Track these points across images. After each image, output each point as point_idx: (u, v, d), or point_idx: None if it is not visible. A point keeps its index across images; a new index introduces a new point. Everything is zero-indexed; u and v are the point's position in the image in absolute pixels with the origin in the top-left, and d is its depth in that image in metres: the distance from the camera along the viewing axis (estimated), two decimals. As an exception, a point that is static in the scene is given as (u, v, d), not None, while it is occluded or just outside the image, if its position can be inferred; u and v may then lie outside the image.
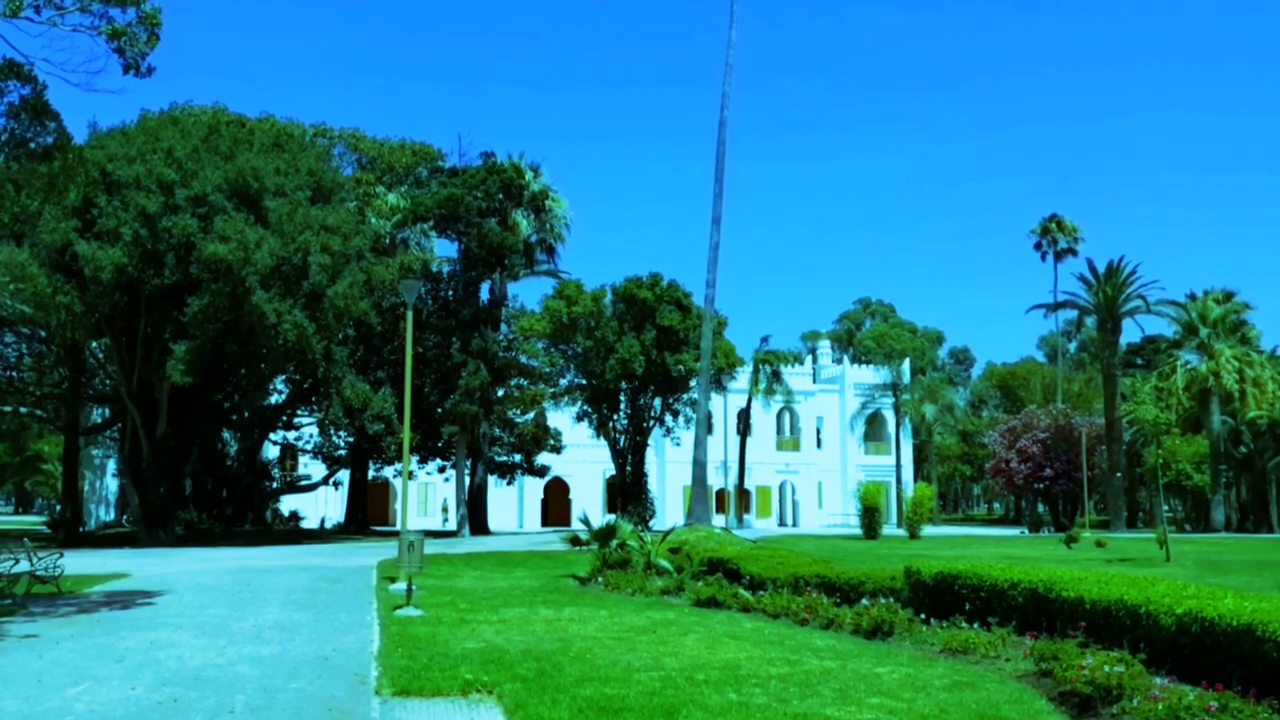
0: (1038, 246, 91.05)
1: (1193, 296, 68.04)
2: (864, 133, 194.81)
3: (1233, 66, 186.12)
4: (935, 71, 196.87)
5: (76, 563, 23.78)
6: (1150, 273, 57.09)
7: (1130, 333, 74.02)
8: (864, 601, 14.85)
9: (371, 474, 53.77)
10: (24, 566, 19.00)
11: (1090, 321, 75.42)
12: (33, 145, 29.23)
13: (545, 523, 69.72)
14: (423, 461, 50.35)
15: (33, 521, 70.09)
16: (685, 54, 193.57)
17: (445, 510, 53.61)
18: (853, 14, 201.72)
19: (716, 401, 64.23)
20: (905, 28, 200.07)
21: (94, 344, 41.51)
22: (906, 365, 78.95)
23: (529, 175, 50.61)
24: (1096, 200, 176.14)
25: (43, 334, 40.67)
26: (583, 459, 67.33)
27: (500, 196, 48.89)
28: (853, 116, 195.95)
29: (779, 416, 76.32)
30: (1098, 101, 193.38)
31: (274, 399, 48.19)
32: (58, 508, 54.02)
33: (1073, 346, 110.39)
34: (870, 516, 43.48)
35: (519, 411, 51.08)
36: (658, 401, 52.21)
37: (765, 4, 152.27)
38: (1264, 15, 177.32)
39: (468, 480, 49.30)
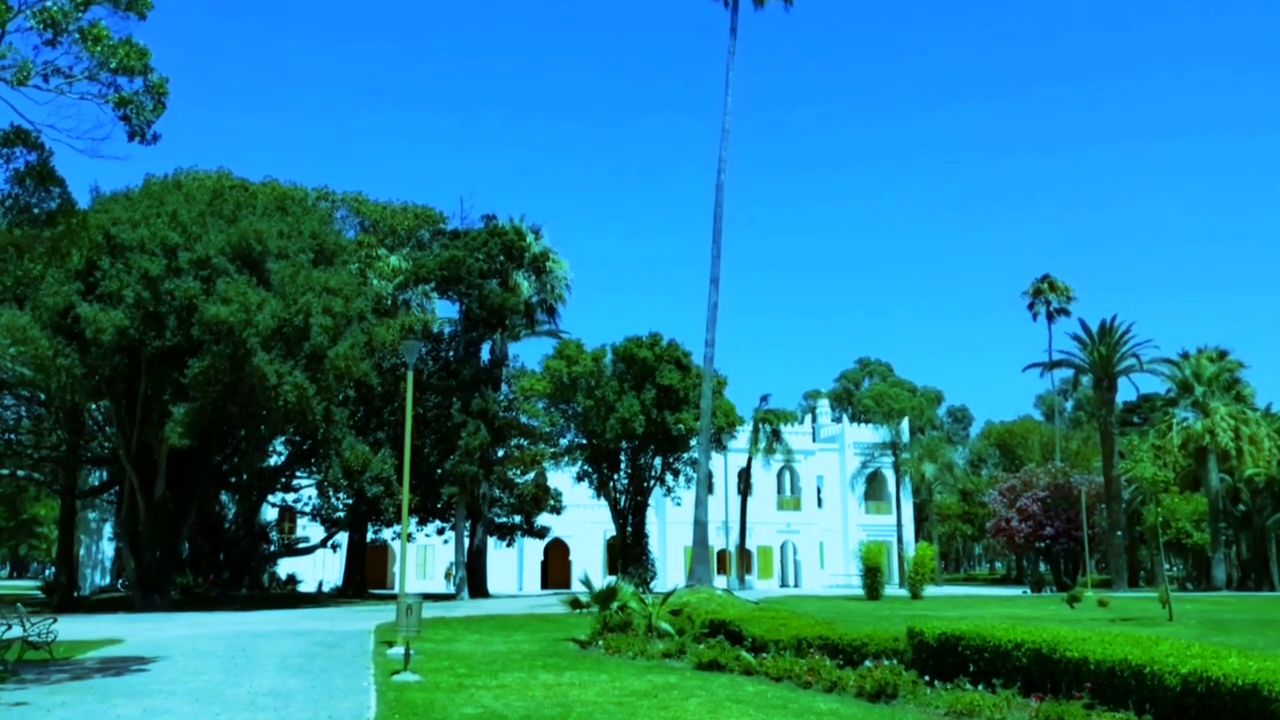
0: (1031, 307, 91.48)
1: (1186, 355, 68.19)
2: (860, 196, 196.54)
3: (1218, 134, 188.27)
4: (931, 135, 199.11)
5: (70, 628, 23.55)
6: (1143, 331, 57.92)
7: (1126, 391, 74.14)
8: (867, 663, 14.72)
9: (370, 536, 53.44)
10: (16, 632, 18.81)
11: (1086, 380, 75.56)
12: (36, 210, 29.44)
13: (545, 585, 69.14)
14: (422, 523, 50.07)
15: (27, 586, 69.46)
16: (684, 116, 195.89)
17: (449, 574, 53.29)
18: (846, 80, 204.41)
19: (717, 461, 64.03)
20: (898, 90, 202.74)
21: (93, 406, 41.47)
22: (906, 424, 78.87)
23: (530, 237, 50.92)
24: (1088, 260, 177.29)
25: (42, 396, 40.65)
26: (583, 520, 66.97)
27: (501, 258, 49.16)
28: (849, 181, 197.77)
29: (779, 476, 76.06)
30: (1088, 168, 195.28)
31: (273, 461, 48.03)
32: (48, 572, 53.62)
33: (1069, 405, 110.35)
34: (872, 577, 43.21)
35: (519, 472, 50.91)
36: (658, 461, 52.06)
37: (762, 77, 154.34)
38: (1250, 82, 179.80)
39: (467, 542, 48.98)
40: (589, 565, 65.19)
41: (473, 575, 49.11)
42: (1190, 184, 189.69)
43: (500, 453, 48.89)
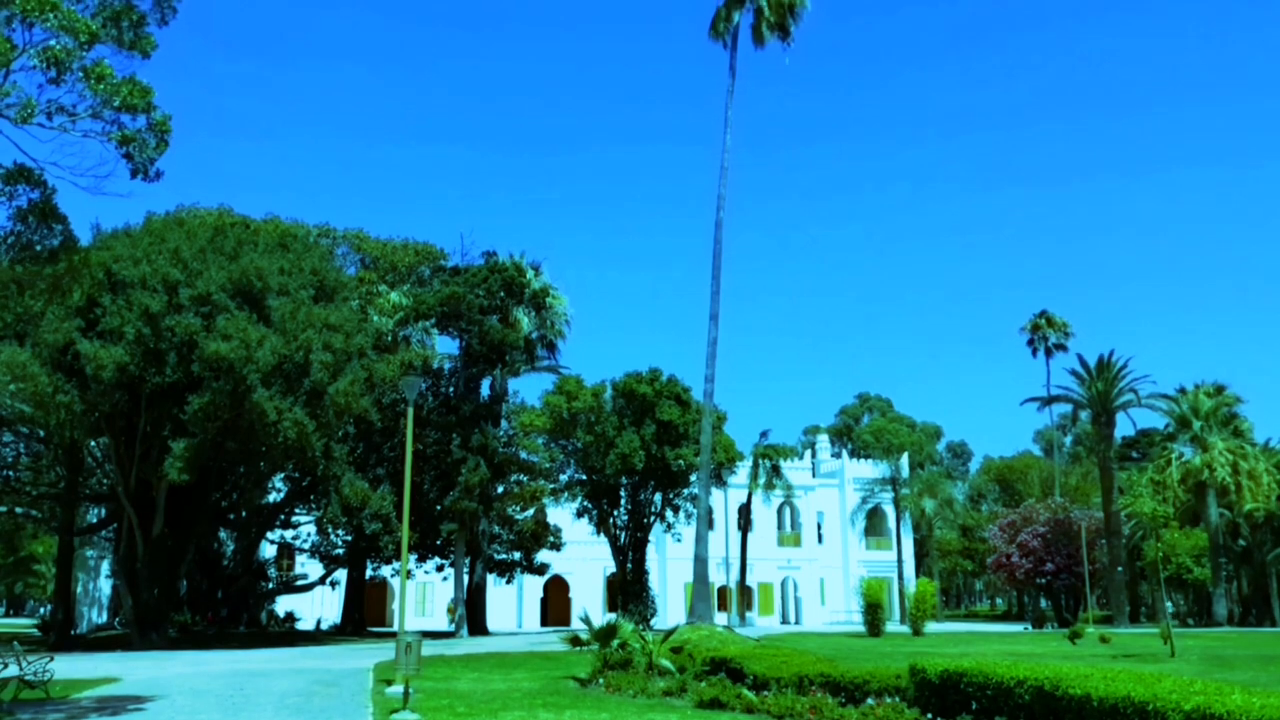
0: (1030, 343, 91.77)
1: (1183, 390, 68.25)
2: (857, 230, 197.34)
3: (1215, 168, 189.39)
4: (930, 168, 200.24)
5: (67, 666, 23.43)
6: (1140, 366, 58.30)
7: (1124, 426, 74.18)
8: (869, 701, 14.66)
9: (369, 573, 53.22)
10: (13, 670, 18.72)
11: (1084, 415, 75.64)
12: (38, 247, 29.53)
13: (545, 622, 68.75)
14: (421, 560, 49.89)
15: (24, 624, 69.09)
16: (683, 150, 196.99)
17: (452, 611, 53.04)
18: (845, 114, 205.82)
19: (717, 497, 63.93)
20: (896, 124, 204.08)
21: (92, 443, 41.42)
22: (905, 459, 78.80)
23: (530, 274, 51.13)
24: (1085, 294, 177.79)
25: (41, 433, 40.61)
26: (583, 556, 66.72)
27: (502, 294, 49.32)
28: (847, 216, 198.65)
29: (779, 511, 75.85)
30: (1086, 203, 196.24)
31: (272, 497, 47.93)
32: (43, 610, 53.35)
33: (1068, 440, 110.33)
34: (873, 613, 42.99)
35: (519, 508, 50.80)
36: (658, 497, 51.97)
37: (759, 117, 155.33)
38: (1246, 115, 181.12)
39: (466, 579, 48.79)
40: (589, 602, 64.89)
41: (472, 612, 48.88)
42: (1186, 218, 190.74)
43: (500, 489, 48.81)
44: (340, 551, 49.60)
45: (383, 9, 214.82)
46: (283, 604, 54.99)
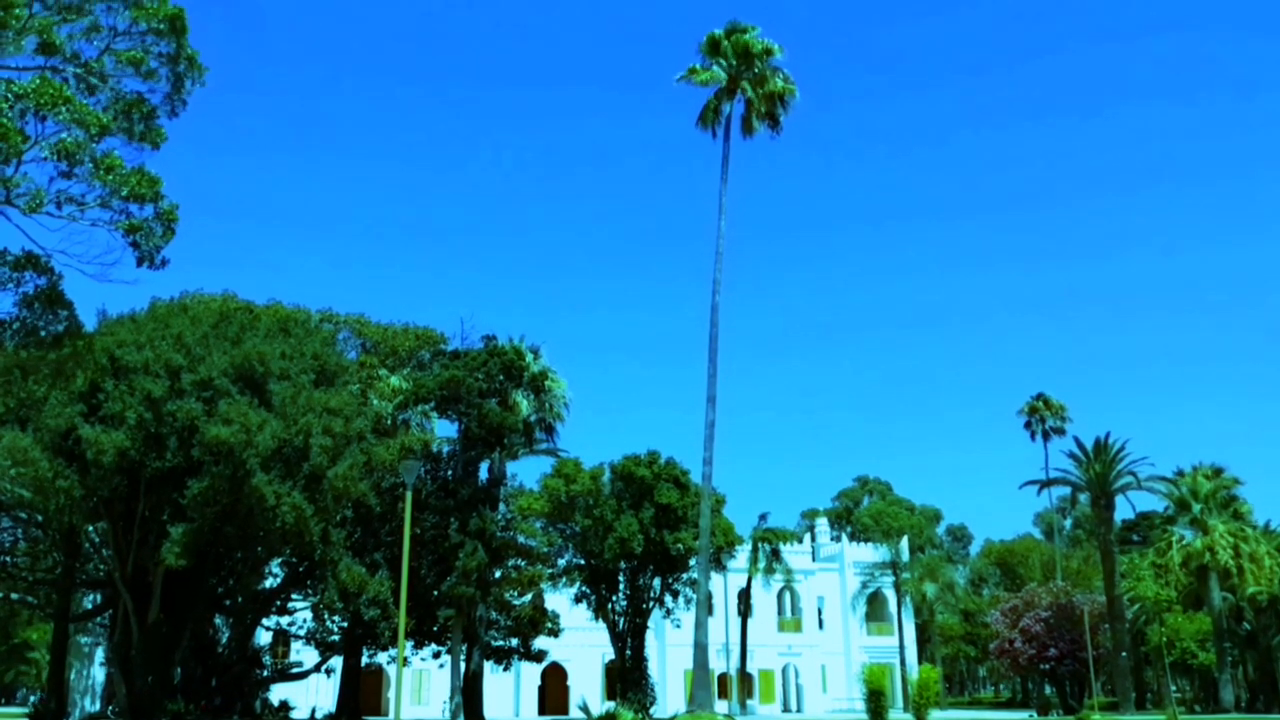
0: (1027, 425, 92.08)
1: (1181, 473, 68.23)
2: (853, 313, 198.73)
3: (1209, 250, 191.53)
4: (924, 251, 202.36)
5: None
6: (1137, 448, 58.26)
7: (1123, 509, 74.00)
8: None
9: (365, 660, 52.56)
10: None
11: (1084, 498, 75.60)
12: (43, 333, 29.89)
13: (542, 710, 67.79)
14: (418, 647, 49.34)
15: (15, 713, 68.02)
16: (680, 231, 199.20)
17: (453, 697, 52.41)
18: (838, 197, 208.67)
19: (716, 581, 63.50)
20: (888, 207, 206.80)
21: (90, 528, 41.33)
22: (905, 543, 78.48)
23: (529, 357, 51.43)
24: (1080, 375, 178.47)
25: (39, 518, 40.52)
26: (581, 643, 66.01)
27: (501, 378, 49.55)
28: (841, 299, 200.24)
29: (779, 596, 75.27)
30: (1080, 285, 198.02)
31: (269, 583, 47.59)
32: (33, 699, 52.66)
33: (1069, 524, 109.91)
34: (876, 701, 42.38)
35: (516, 593, 50.40)
36: (657, 581, 51.62)
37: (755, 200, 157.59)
38: (1239, 196, 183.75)
39: (463, 666, 48.23)
40: (587, 690, 64.04)
41: (469, 701, 48.20)
42: (1179, 300, 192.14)
43: (498, 574, 48.47)
44: (336, 638, 49.04)
45: (388, 102, 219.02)
46: (277, 692, 54.13)
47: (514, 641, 52.14)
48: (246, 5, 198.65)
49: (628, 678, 50.54)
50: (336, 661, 51.24)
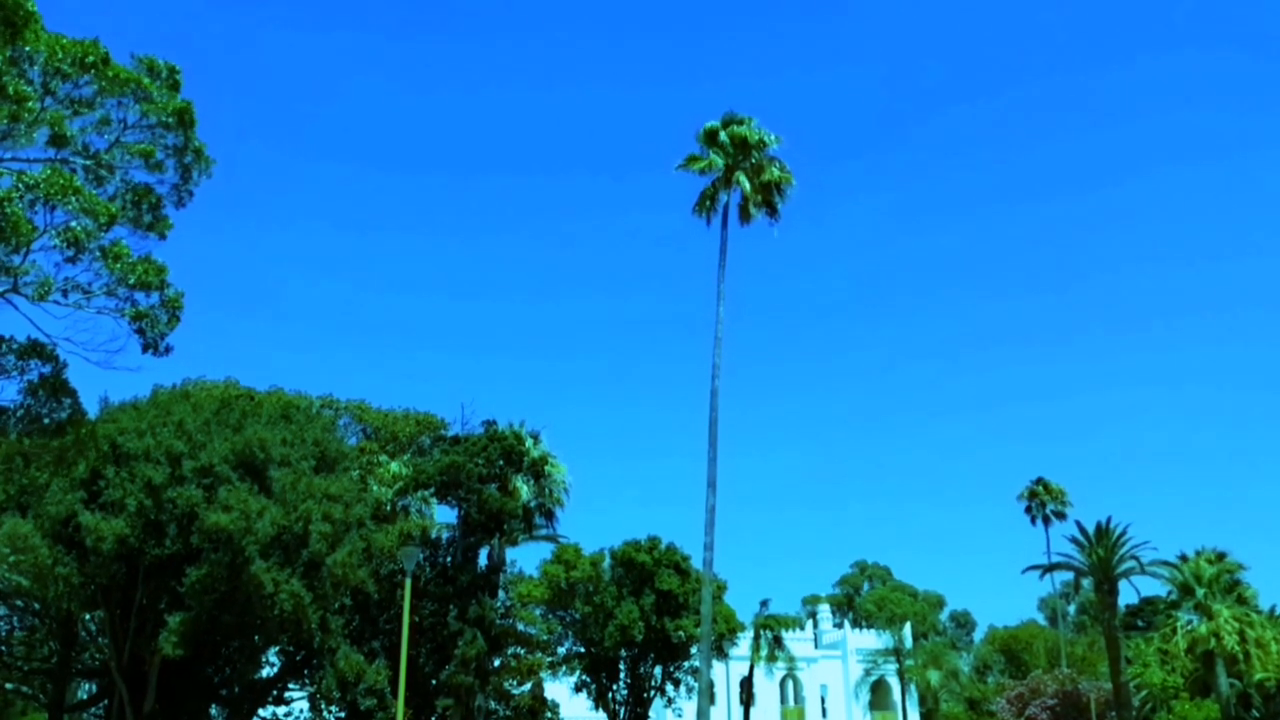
0: (1027, 510, 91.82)
1: (1184, 557, 67.72)
2: (850, 398, 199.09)
3: (1206, 330, 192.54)
4: (923, 334, 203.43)
5: None
6: (1138, 533, 58.26)
7: (1127, 593, 73.55)
8: None
9: (361, 753, 51.75)
10: None
11: (1087, 583, 75.06)
12: (47, 420, 30.05)
13: (540, 803, 66.39)
14: (415, 737, 48.64)
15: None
16: (680, 314, 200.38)
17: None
18: (837, 280, 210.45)
19: (718, 669, 62.84)
20: (888, 289, 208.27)
21: (86, 616, 41.03)
22: (908, 629, 77.69)
23: (529, 442, 51.49)
24: (1080, 458, 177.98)
25: (36, 606, 40.26)
26: (580, 733, 64.97)
27: (501, 463, 49.57)
28: (840, 384, 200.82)
29: (782, 684, 74.33)
30: (1077, 368, 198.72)
31: (265, 672, 47.09)
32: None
33: (1072, 609, 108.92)
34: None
35: (515, 682, 49.80)
36: (658, 669, 51.08)
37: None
38: (1236, 275, 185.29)
39: (462, 757, 47.49)
40: (587, 781, 62.85)
41: (467, 794, 47.39)
42: (1177, 382, 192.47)
43: (497, 662, 47.97)
44: (332, 729, 48.40)
45: (390, 187, 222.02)
46: (271, 786, 53.21)
47: (513, 732, 51.42)
48: (251, 101, 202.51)
49: (629, 768, 49.76)
50: (332, 754, 50.45)
